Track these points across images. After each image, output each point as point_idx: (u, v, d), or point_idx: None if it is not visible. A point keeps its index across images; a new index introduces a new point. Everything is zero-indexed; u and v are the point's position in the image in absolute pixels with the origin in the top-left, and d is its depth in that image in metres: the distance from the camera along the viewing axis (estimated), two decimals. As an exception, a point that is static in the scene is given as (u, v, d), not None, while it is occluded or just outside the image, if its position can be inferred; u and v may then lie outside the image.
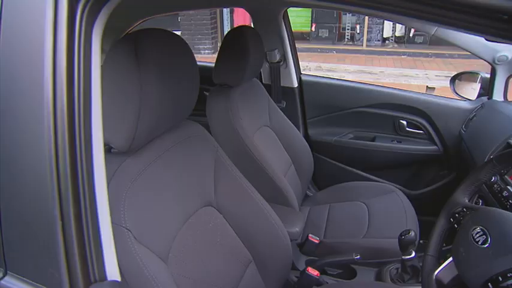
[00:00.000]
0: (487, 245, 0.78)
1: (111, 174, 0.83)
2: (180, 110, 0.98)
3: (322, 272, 1.52)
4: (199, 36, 8.33)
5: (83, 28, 0.55)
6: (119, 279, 0.63)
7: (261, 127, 1.72)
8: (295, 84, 2.16)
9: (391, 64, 7.31)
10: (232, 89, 1.56)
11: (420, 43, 8.36)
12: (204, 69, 1.55)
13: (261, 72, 2.18)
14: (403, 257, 1.38)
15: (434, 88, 3.32)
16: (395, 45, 8.58)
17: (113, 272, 0.62)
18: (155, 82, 0.82)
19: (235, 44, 1.50)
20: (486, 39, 1.53)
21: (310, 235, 1.59)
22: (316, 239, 1.59)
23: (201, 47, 8.35)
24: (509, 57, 1.68)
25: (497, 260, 0.74)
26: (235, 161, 1.21)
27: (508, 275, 0.72)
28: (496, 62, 1.71)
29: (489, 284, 0.74)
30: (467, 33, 0.53)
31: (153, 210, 0.90)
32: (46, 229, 0.59)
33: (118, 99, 0.80)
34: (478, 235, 0.81)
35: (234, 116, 1.51)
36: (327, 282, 1.43)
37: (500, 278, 0.72)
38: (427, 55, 7.76)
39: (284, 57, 2.10)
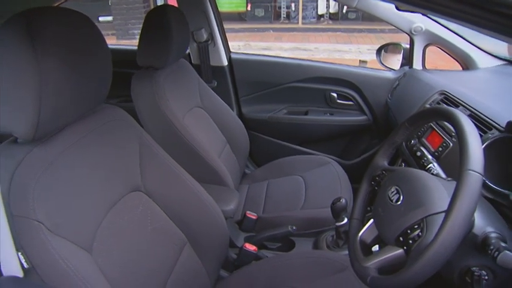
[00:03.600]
0: (399, 202, 0.83)
1: (15, 164, 0.77)
2: (92, 94, 0.93)
3: (262, 246, 1.55)
4: (133, 20, 8.02)
5: None
6: (20, 274, 0.59)
7: (192, 108, 1.68)
8: (225, 63, 2.14)
9: (326, 40, 7.48)
10: (158, 71, 1.51)
11: (353, 19, 8.62)
12: (133, 53, 1.48)
13: (189, 53, 2.13)
14: (336, 224, 1.43)
15: (366, 61, 3.44)
16: (330, 21, 8.78)
17: (10, 267, 0.57)
18: (55, 63, 0.76)
19: (157, 24, 1.44)
20: (397, 9, 1.60)
21: (247, 212, 1.61)
22: (254, 215, 1.60)
23: (135, 32, 8.02)
24: (424, 28, 1.77)
25: (407, 215, 0.78)
26: (165, 144, 1.17)
27: (415, 227, 0.76)
28: (413, 32, 1.80)
29: (400, 238, 0.78)
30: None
31: (70, 200, 0.85)
32: None
33: (13, 85, 0.74)
34: (392, 194, 0.85)
35: (161, 98, 1.46)
36: (267, 256, 1.45)
37: (408, 231, 0.77)
38: (360, 31, 8.04)
39: (212, 36, 2.07)
